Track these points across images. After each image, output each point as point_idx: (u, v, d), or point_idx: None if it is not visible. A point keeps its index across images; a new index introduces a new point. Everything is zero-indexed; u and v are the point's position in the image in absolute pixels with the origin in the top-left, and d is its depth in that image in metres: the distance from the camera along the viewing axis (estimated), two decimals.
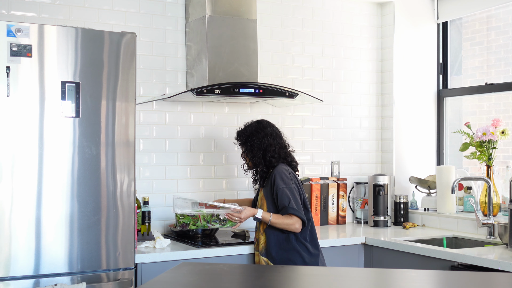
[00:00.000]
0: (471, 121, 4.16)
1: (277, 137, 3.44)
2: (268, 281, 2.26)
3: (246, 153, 3.46)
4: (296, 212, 3.25)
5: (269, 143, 3.39)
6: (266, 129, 3.43)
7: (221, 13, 3.76)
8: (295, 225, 3.26)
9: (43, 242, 2.86)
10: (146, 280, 3.14)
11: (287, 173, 3.33)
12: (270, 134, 3.42)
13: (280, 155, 3.40)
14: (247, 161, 3.49)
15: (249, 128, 3.45)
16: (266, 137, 3.40)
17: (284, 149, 3.44)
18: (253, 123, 3.49)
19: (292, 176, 3.35)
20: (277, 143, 3.42)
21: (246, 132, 3.44)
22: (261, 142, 3.38)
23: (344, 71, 4.54)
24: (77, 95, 2.92)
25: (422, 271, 2.50)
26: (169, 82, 3.92)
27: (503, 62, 4.40)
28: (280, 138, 3.45)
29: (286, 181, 3.30)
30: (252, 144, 3.40)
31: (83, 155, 2.94)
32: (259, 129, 3.43)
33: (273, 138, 3.41)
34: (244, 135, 3.45)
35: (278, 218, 3.27)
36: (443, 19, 4.68)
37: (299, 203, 3.29)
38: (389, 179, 4.31)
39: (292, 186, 3.30)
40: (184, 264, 2.42)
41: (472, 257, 3.15)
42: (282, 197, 3.28)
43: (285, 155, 3.43)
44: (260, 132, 3.41)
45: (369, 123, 4.62)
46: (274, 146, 3.40)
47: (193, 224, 3.36)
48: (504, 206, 3.90)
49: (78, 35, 2.94)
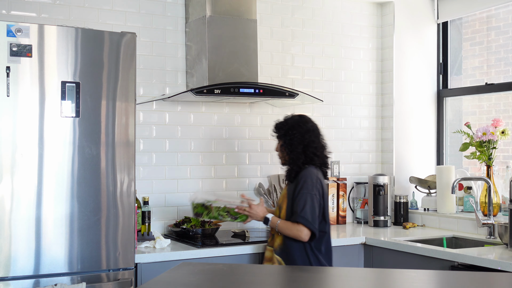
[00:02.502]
0: (471, 121, 4.16)
1: (318, 135, 3.30)
2: (268, 281, 2.26)
3: (284, 147, 3.29)
4: (304, 222, 3.10)
5: (310, 139, 3.24)
6: (308, 124, 3.28)
7: (221, 13, 3.76)
8: (301, 234, 3.12)
9: (43, 242, 2.86)
10: (146, 280, 3.14)
11: (314, 179, 3.17)
12: (311, 129, 3.27)
13: (319, 155, 3.25)
14: (283, 155, 3.31)
15: (290, 121, 3.29)
16: (308, 132, 3.25)
17: (322, 149, 3.30)
18: (295, 116, 3.32)
19: (318, 184, 3.18)
20: (318, 141, 3.28)
21: (286, 125, 3.28)
22: (303, 137, 3.23)
23: (344, 71, 4.54)
24: (77, 95, 2.92)
25: (422, 271, 2.50)
26: (169, 82, 3.92)
27: (503, 62, 4.40)
28: (320, 137, 3.31)
29: (309, 187, 3.15)
30: (292, 138, 3.24)
31: (83, 155, 2.94)
32: (301, 123, 3.27)
33: (314, 135, 3.27)
34: (284, 128, 3.29)
35: (285, 224, 3.17)
36: (443, 19, 4.68)
37: (315, 212, 3.13)
38: (389, 179, 4.31)
39: (314, 194, 3.14)
40: (184, 264, 2.42)
41: (472, 257, 3.15)
42: (299, 202, 3.13)
43: (322, 156, 3.28)
44: (302, 126, 3.25)
45: (369, 123, 4.62)
46: (316, 143, 3.27)
47: (206, 214, 3.37)
48: (504, 206, 3.90)
49: (78, 35, 2.94)
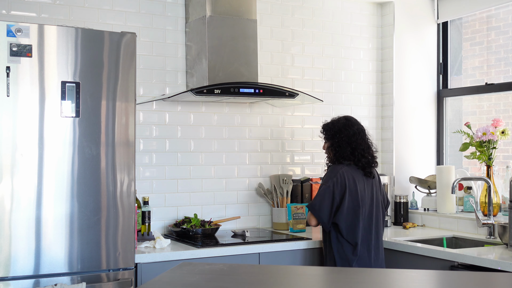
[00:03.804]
0: (471, 121, 4.16)
1: (364, 136, 3.47)
2: (268, 281, 2.26)
3: (331, 148, 3.46)
4: (310, 209, 3.40)
5: (357, 142, 3.41)
6: (354, 127, 3.45)
7: (221, 13, 3.76)
8: (309, 220, 3.44)
9: (43, 242, 2.86)
10: (146, 280, 3.14)
11: (334, 172, 3.38)
12: (357, 132, 3.44)
13: (365, 155, 3.42)
14: (330, 155, 3.50)
15: (338, 124, 3.46)
16: (354, 135, 3.42)
17: (368, 149, 3.46)
18: (341, 119, 3.49)
19: (340, 178, 3.36)
20: (364, 143, 3.44)
21: (334, 128, 3.46)
22: (350, 140, 3.41)
23: (344, 71, 4.54)
24: (77, 95, 2.92)
25: (422, 271, 2.49)
26: (169, 82, 3.92)
27: (503, 62, 4.40)
28: (366, 137, 3.48)
29: (327, 179, 3.38)
30: (340, 141, 3.41)
31: (83, 155, 2.94)
32: (348, 126, 3.44)
33: (361, 137, 3.44)
34: (332, 130, 3.46)
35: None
36: (443, 19, 4.68)
37: (324, 202, 3.34)
38: (389, 179, 4.31)
39: (328, 186, 3.35)
40: (184, 264, 2.42)
41: (472, 257, 3.15)
42: (317, 193, 3.42)
43: (369, 155, 3.44)
44: (349, 130, 3.42)
45: (369, 123, 4.62)
46: (362, 145, 3.42)
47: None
48: (504, 206, 3.90)
49: (78, 35, 2.94)
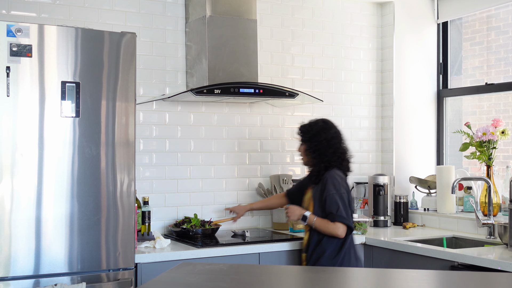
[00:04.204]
0: (471, 121, 4.16)
1: (341, 139, 3.42)
2: (268, 281, 2.26)
3: (309, 151, 3.39)
4: (344, 220, 3.25)
5: (336, 146, 3.37)
6: (332, 130, 3.40)
7: (221, 13, 3.76)
8: (338, 231, 3.25)
9: (43, 242, 2.86)
10: (146, 280, 3.14)
11: (339, 179, 3.31)
12: (335, 136, 3.39)
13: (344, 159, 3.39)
14: (308, 158, 3.43)
15: (316, 127, 3.40)
16: (333, 139, 3.37)
17: (345, 154, 3.42)
18: (319, 121, 3.43)
19: (343, 183, 3.33)
20: (342, 147, 3.40)
21: (311, 130, 3.40)
22: (329, 143, 3.36)
23: (344, 71, 4.54)
24: (77, 95, 2.92)
25: (422, 271, 2.50)
26: (169, 82, 3.92)
27: (503, 62, 4.40)
28: (342, 141, 3.43)
29: (337, 187, 3.27)
30: (318, 144, 3.36)
31: (83, 155, 2.94)
32: (326, 129, 3.39)
33: (338, 141, 3.40)
34: (309, 133, 3.40)
35: (322, 222, 3.28)
36: (443, 19, 4.68)
37: (348, 210, 3.28)
38: (389, 179, 4.31)
39: (343, 193, 3.28)
40: (184, 264, 2.42)
41: (472, 257, 3.15)
42: (331, 203, 3.26)
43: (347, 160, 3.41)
44: (326, 133, 3.37)
45: (369, 123, 4.62)
46: (340, 149, 3.38)
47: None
48: (504, 206, 3.90)
49: (78, 35, 2.94)
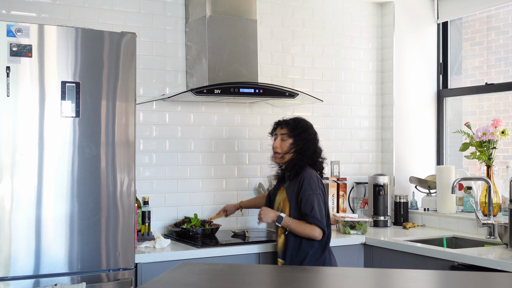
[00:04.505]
0: (471, 121, 4.16)
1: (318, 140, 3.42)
2: (268, 281, 2.26)
3: (292, 146, 3.32)
4: (316, 222, 3.18)
5: (316, 144, 3.37)
6: (313, 128, 3.40)
7: (221, 13, 3.76)
8: (315, 233, 3.20)
9: (43, 242, 2.86)
10: (146, 280, 3.14)
11: (315, 179, 3.27)
12: (315, 134, 3.40)
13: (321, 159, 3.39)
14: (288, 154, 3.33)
15: (303, 122, 3.38)
16: (315, 136, 3.38)
17: (321, 152, 3.41)
18: (301, 119, 3.41)
19: (319, 183, 3.29)
20: (318, 146, 3.40)
21: (299, 126, 3.35)
22: (313, 142, 3.35)
23: (344, 71, 4.54)
24: (77, 95, 2.92)
25: (422, 271, 2.50)
26: (169, 82, 3.92)
27: (503, 62, 4.40)
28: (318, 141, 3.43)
29: (313, 188, 3.23)
30: (305, 141, 3.32)
31: (83, 155, 2.94)
32: (309, 127, 3.38)
33: (317, 140, 3.40)
34: (297, 128, 3.35)
35: (298, 224, 3.22)
36: (443, 19, 4.68)
37: (322, 212, 3.23)
38: (389, 179, 4.31)
39: (319, 194, 3.23)
40: (184, 264, 2.42)
41: (472, 257, 3.15)
42: (307, 204, 3.21)
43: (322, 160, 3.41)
44: (310, 130, 3.37)
45: (369, 123, 4.62)
46: (319, 148, 3.37)
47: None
48: (504, 206, 3.90)
49: (78, 35, 2.94)
